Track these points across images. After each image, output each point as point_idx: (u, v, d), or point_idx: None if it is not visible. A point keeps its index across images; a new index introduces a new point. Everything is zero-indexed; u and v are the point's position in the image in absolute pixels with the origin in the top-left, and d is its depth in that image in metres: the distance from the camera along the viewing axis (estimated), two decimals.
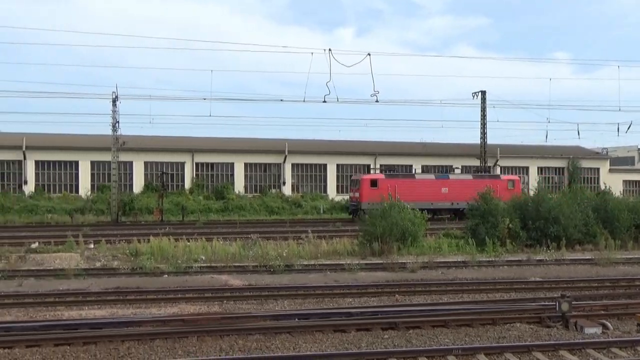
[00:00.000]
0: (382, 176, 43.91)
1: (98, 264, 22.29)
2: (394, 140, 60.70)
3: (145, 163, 52.13)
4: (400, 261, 22.67)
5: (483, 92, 52.72)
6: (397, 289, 17.72)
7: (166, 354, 11.37)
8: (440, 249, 25.95)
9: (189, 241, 25.01)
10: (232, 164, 53.76)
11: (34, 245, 24.62)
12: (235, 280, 19.39)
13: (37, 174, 50.25)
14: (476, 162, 54.05)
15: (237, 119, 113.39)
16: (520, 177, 52.87)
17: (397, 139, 62.10)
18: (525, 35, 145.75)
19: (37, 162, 50.18)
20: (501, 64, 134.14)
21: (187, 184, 53.06)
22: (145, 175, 52.25)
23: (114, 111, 44.09)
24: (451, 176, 46.16)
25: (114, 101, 43.83)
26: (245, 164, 53.94)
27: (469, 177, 45.75)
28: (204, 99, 47.41)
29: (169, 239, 24.77)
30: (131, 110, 60.84)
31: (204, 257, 23.13)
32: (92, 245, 25.21)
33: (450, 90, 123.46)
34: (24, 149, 49.18)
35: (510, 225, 26.82)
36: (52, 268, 21.27)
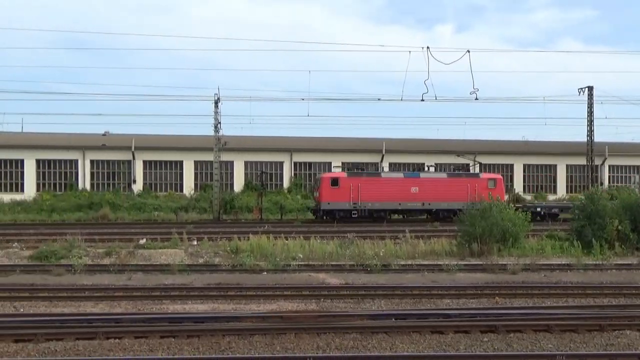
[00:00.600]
0: (344, 175, 40.73)
1: (201, 260, 23.06)
2: (494, 138, 59.08)
3: (246, 162, 53.45)
4: (500, 262, 22.08)
5: (590, 88, 50.36)
6: (497, 291, 17.25)
7: (265, 349, 11.61)
8: (543, 251, 25.02)
9: (287, 239, 25.41)
10: (330, 163, 54.12)
11: (142, 242, 25.81)
12: (332, 279, 19.52)
13: (145, 174, 52.63)
14: (582, 161, 51.80)
15: (335, 119, 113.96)
16: (632, 176, 50.04)
17: (498, 137, 60.45)
18: (636, 27, 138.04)
19: (145, 162, 52.57)
20: (610, 57, 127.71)
21: (286, 183, 53.96)
22: (246, 174, 53.59)
23: (216, 112, 45.50)
24: (422, 175, 41.92)
25: (216, 103, 45.22)
26: (343, 163, 54.15)
27: (443, 175, 42.32)
28: (302, 99, 48.06)
29: (268, 237, 25.26)
30: (232, 111, 62.85)
31: (301, 256, 23.43)
32: (195, 242, 26.11)
33: (554, 87, 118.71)
34: (133, 149, 51.63)
35: (620, 227, 25.48)
36: (158, 263, 22.23)
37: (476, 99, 35.19)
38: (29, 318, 13.67)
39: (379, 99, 53.89)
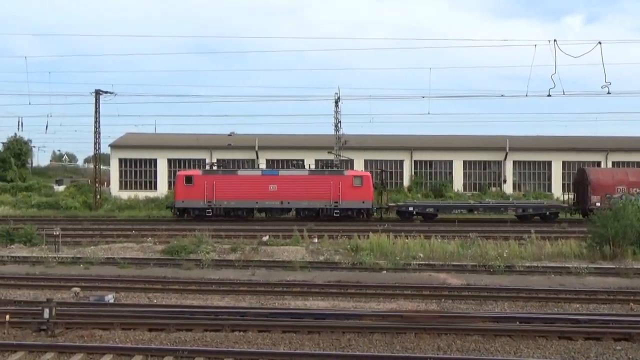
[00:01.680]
0: (199, 172, 39.92)
1: (321, 258, 23.40)
2: (629, 134, 55.56)
3: (365, 161, 53.61)
4: (635, 267, 20.74)
5: None
6: (632, 297, 16.22)
7: (384, 348, 11.61)
8: None
9: (407, 238, 25.23)
10: (451, 162, 53.21)
11: (265, 239, 26.57)
12: (453, 279, 19.17)
13: None
14: None
15: (456, 116, 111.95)
16: None
17: (633, 134, 56.81)
18: None
19: (268, 161, 53.93)
20: None
21: (406, 182, 53.60)
22: None
23: (336, 112, 46.03)
24: (281, 172, 40.12)
25: (337, 102, 45.74)
26: (464, 162, 53.08)
27: (304, 173, 39.61)
28: (423, 97, 47.72)
29: (388, 236, 25.20)
30: (352, 110, 63.14)
31: (422, 255, 23.18)
32: (315, 240, 26.54)
33: None
34: (256, 148, 53.28)
35: None
36: (280, 260, 22.79)
37: (608, 93, 33.32)
38: (161, 309, 14.48)
39: (502, 95, 52.52)
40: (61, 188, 62.50)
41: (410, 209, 38.39)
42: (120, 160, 55.12)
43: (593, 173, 38.65)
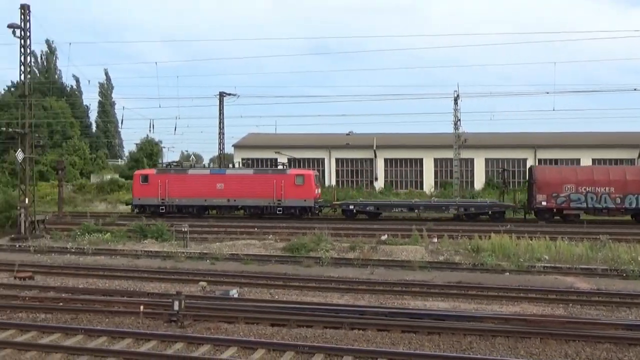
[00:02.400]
0: (154, 171, 41.03)
1: (441, 258, 23.05)
2: None
3: (486, 160, 52.23)
4: None
5: None
6: None
7: (507, 352, 11.25)
8: None
9: (531, 239, 24.31)
10: (579, 160, 50.65)
11: (383, 238, 26.54)
12: (582, 283, 18.25)
13: (386, 171, 54.03)
14: None
15: (583, 112, 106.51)
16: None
17: None
18: None
19: (386, 160, 53.97)
20: None
21: None
22: (486, 171, 52.35)
23: (455, 109, 45.14)
24: (228, 171, 40.90)
25: (456, 100, 44.85)
26: (593, 160, 50.33)
27: (249, 172, 40.41)
28: (547, 93, 45.79)
29: (510, 237, 24.41)
30: (472, 108, 61.80)
31: (547, 257, 22.25)
32: (435, 240, 26.17)
33: None
34: (374, 148, 53.33)
35: None
36: (399, 259, 22.68)
37: None
38: (282, 305, 14.83)
39: (635, 89, 49.11)
40: None
41: (351, 207, 38.43)
42: (243, 159, 56.99)
43: (539, 171, 36.38)
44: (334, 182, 54.00)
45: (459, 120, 45.20)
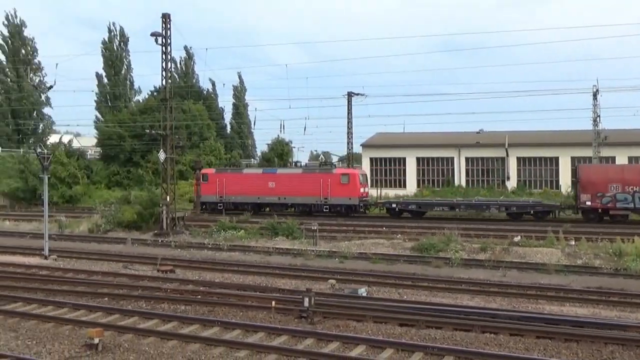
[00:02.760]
0: (213, 171, 44.01)
1: (579, 262, 21.89)
2: None
3: (629, 158, 48.89)
4: None
5: None
6: None
7: None
8: None
9: None
10: None
11: (516, 239, 25.61)
12: None
13: (518, 170, 52.10)
14: None
15: None
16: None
17: None
18: None
19: (518, 159, 52.03)
20: None
21: None
22: None
23: (594, 105, 42.73)
24: (279, 170, 43.04)
25: (595, 95, 42.43)
26: None
27: (299, 171, 42.12)
28: None
29: None
30: (613, 103, 58.14)
31: None
32: (572, 242, 24.90)
33: None
34: (506, 146, 51.59)
35: None
36: (533, 262, 21.80)
37: None
38: (411, 305, 14.72)
39: None
40: None
41: (394, 205, 38.91)
42: (371, 159, 57.16)
43: (583, 170, 35.33)
44: (463, 182, 52.84)
45: (599, 116, 42.77)
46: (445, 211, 38.30)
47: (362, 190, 40.00)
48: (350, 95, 54.71)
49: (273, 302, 14.44)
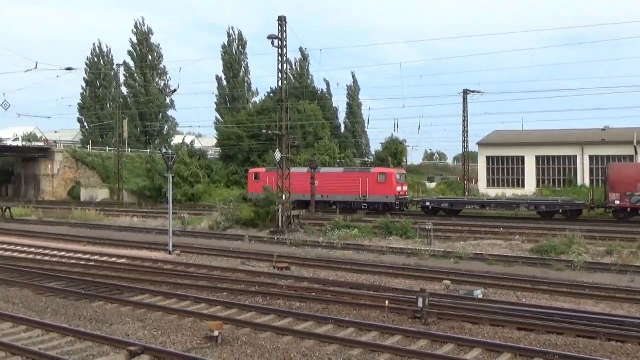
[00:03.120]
0: (264, 170, 46.91)
1: None
2: None
3: None
4: None
5: None
6: None
7: None
8: None
9: None
10: None
11: None
12: None
13: None
14: None
15: None
16: None
17: None
18: None
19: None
20: None
21: None
22: None
23: None
24: (322, 170, 45.02)
25: None
26: None
27: (340, 170, 45.16)
28: None
29: None
30: None
31: None
32: None
33: None
34: (635, 143, 48.60)
35: None
36: None
37: None
38: (530, 309, 14.18)
39: None
40: (432, 185, 65.85)
41: (428, 203, 40.66)
42: (488, 158, 55.77)
43: (612, 169, 35.23)
44: (587, 181, 50.32)
45: None
46: (476, 209, 40.08)
47: (399, 188, 41.50)
48: (465, 92, 53.60)
49: (387, 302, 14.40)
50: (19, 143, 69.76)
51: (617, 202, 33.62)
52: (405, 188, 42.81)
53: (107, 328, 12.91)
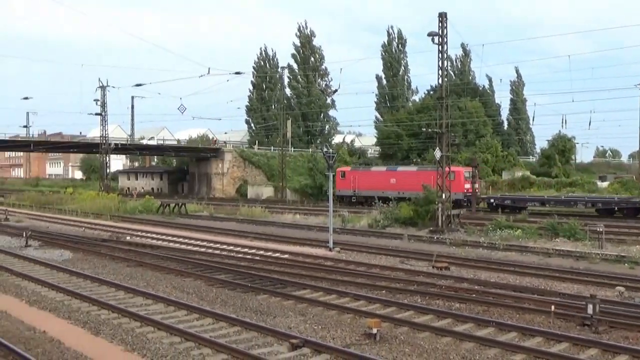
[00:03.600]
0: (349, 168, 53.22)
1: None
2: None
3: None
4: None
5: None
6: None
7: None
8: None
9: None
10: None
11: None
12: None
13: None
14: None
15: None
16: None
17: None
18: None
19: None
20: None
21: None
22: None
23: None
24: (399, 168, 51.11)
25: None
26: None
27: (414, 169, 49.51)
28: None
29: None
30: None
31: None
32: None
33: None
34: None
35: None
36: None
37: None
38: None
39: None
40: (604, 184, 61.65)
41: (492, 200, 42.64)
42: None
43: None
44: None
45: None
46: (536, 206, 40.69)
47: (466, 186, 44.03)
48: None
49: (552, 307, 13.68)
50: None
51: None
52: (475, 186, 43.82)
53: (271, 320, 13.48)
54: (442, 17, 32.18)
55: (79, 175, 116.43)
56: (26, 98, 64.73)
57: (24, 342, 11.57)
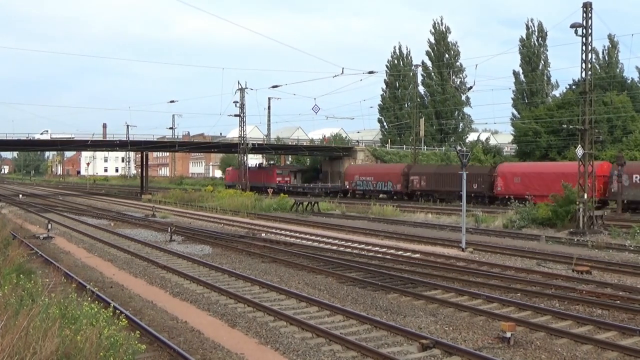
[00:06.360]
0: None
1: None
2: None
3: None
4: None
5: None
6: None
7: None
8: None
9: None
10: None
11: None
12: None
13: None
14: None
15: None
16: None
17: None
18: None
19: None
20: None
21: None
22: None
23: None
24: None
25: None
26: None
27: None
28: None
29: None
30: None
31: None
32: None
33: None
34: None
35: None
36: None
37: None
38: None
39: None
40: None
41: None
42: None
43: None
44: None
45: None
46: None
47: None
48: None
49: None
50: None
51: None
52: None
53: (401, 319, 13.41)
54: (587, 7, 30.47)
55: (218, 174, 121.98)
56: (172, 101, 68.96)
57: (168, 330, 12.32)
